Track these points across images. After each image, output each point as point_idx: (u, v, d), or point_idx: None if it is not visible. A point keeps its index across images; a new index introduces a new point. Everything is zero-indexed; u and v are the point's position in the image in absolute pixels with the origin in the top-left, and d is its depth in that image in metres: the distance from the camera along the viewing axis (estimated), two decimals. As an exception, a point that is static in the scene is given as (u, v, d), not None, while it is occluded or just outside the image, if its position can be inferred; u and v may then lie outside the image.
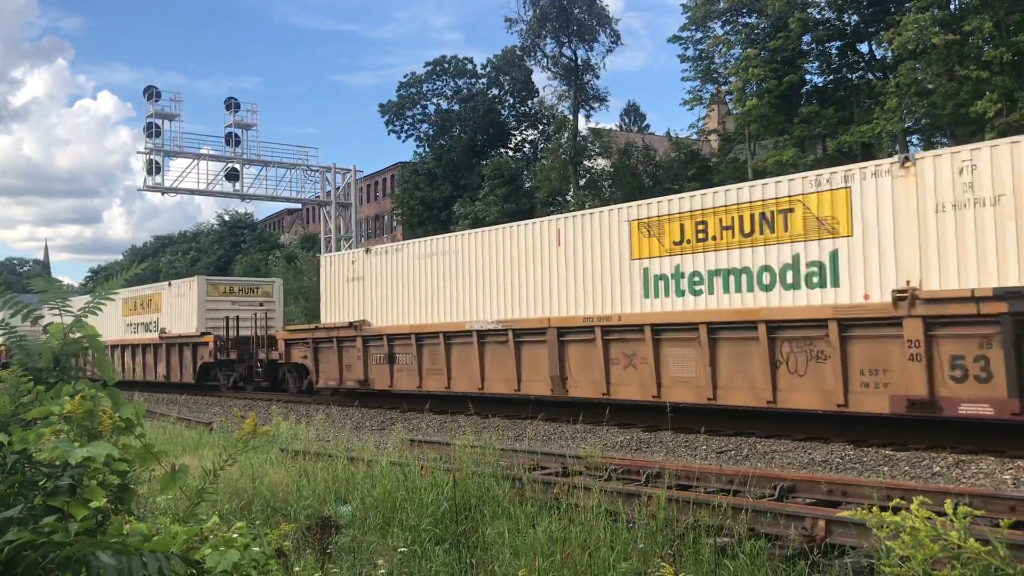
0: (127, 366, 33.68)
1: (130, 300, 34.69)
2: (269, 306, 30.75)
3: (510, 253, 18.88)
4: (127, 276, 3.74)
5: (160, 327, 31.79)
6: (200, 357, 29.54)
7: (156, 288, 33.77)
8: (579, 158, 51.18)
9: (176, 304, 31.31)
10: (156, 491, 6.08)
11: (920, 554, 2.86)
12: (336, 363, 23.14)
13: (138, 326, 33.88)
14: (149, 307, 33.20)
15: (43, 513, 2.45)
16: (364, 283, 22.93)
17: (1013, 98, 31.13)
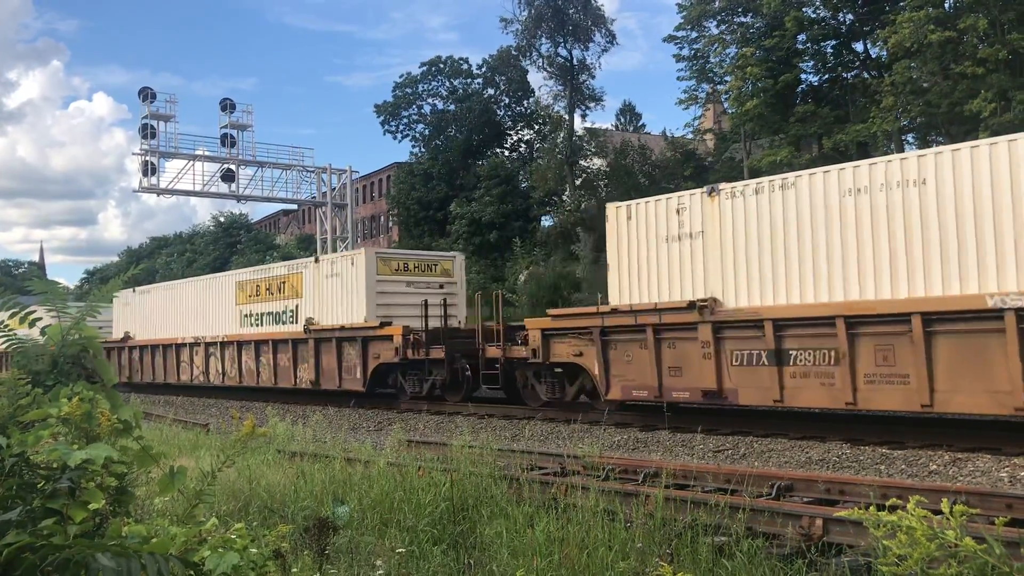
0: (246, 369, 26.48)
1: (249, 283, 27.02)
2: (450, 288, 23.70)
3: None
4: (125, 278, 3.75)
5: (306, 317, 23.92)
6: (374, 356, 21.71)
7: (293, 266, 25.91)
8: (575, 158, 51.20)
9: (328, 286, 23.67)
10: (154, 493, 6.08)
11: (917, 553, 2.87)
12: (650, 363, 15.44)
13: (262, 317, 26.11)
14: (282, 291, 25.32)
15: (42, 515, 2.46)
16: (705, 240, 15.17)
17: (1008, 97, 31.20)
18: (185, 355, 29.77)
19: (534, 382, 18.27)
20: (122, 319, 33.97)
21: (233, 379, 27.08)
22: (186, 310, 30.25)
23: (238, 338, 26.89)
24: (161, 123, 40.64)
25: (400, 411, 20.61)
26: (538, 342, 17.55)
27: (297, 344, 24.31)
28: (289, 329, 24.76)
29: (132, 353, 33.23)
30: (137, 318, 33.12)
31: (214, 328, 28.34)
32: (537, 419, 17.08)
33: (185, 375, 29.73)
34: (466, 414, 18.56)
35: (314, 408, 22.15)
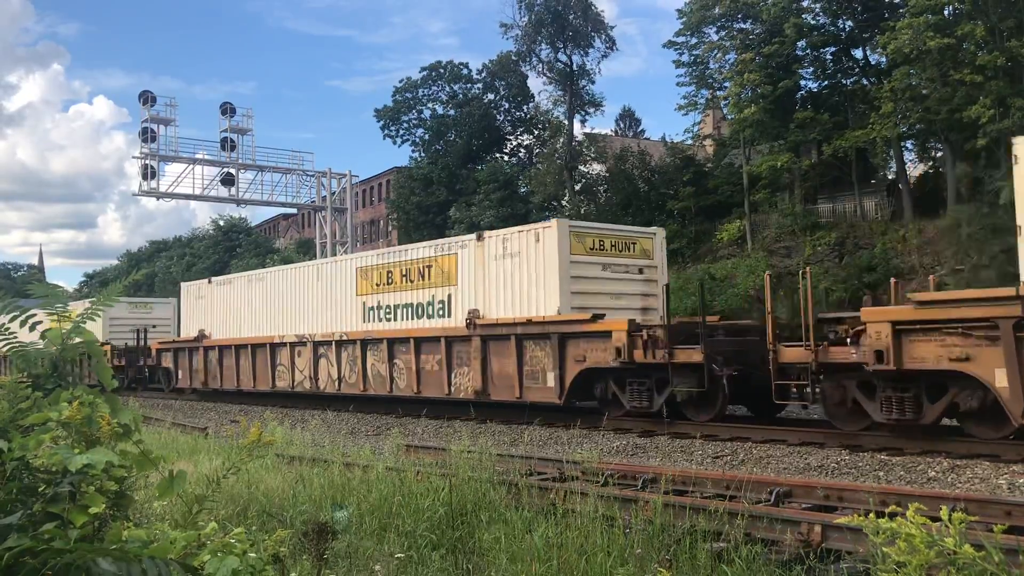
0: (373, 374, 21.88)
1: (377, 269, 22.25)
2: (650, 274, 19.53)
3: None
4: (126, 282, 3.75)
5: (468, 309, 19.25)
6: (577, 359, 17.16)
7: (442, 246, 20.99)
8: (574, 163, 51.26)
9: (498, 269, 18.82)
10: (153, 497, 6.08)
11: (916, 560, 2.88)
12: None
13: (396, 309, 21.46)
14: (425, 277, 20.66)
15: (42, 520, 2.46)
16: None
17: (1006, 104, 31.26)
18: (284, 357, 25.05)
19: (861, 398, 13.18)
20: (194, 315, 30.26)
21: (354, 386, 22.55)
22: (284, 303, 25.50)
23: (364, 335, 22.12)
24: (161, 127, 40.68)
25: (399, 416, 20.46)
26: (886, 340, 12.37)
27: (453, 343, 19.50)
28: (439, 324, 19.93)
29: (209, 355, 28.73)
30: (215, 313, 28.80)
31: (326, 324, 23.57)
32: (536, 424, 17.05)
33: (283, 381, 25.05)
34: (465, 419, 18.54)
35: (313, 412, 22.14)
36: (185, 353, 30.04)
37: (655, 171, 49.74)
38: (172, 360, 30.80)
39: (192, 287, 31.22)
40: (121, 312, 34.26)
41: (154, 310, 36.67)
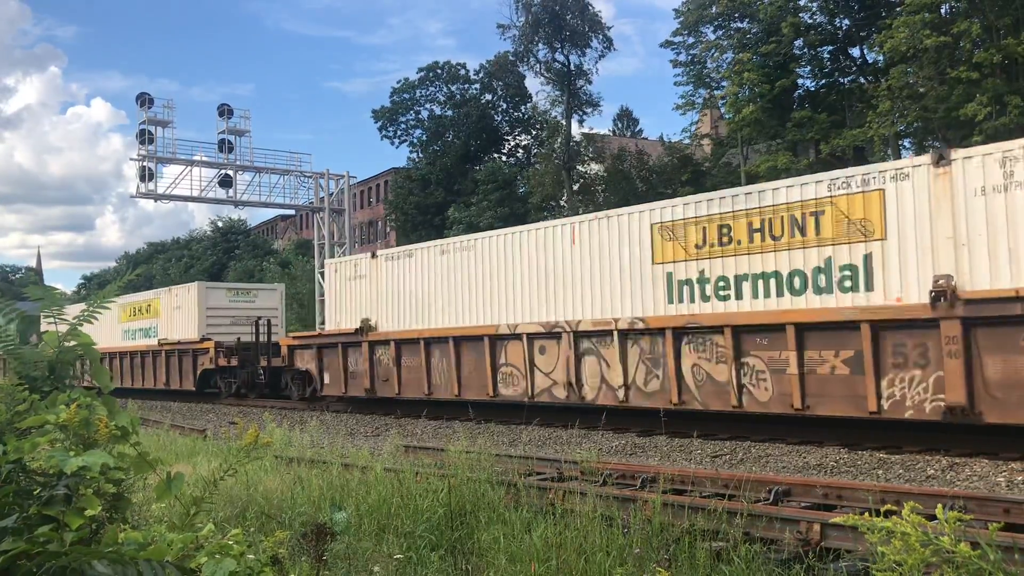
0: (695, 377, 15.16)
1: (697, 223, 15.38)
2: None
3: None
4: (123, 283, 3.75)
5: (936, 275, 12.24)
6: None
7: (846, 181, 13.46)
8: (572, 163, 51.28)
9: (992, 208, 11.91)
10: (150, 499, 6.08)
11: (911, 559, 2.88)
12: None
13: (740, 282, 14.68)
14: (807, 231, 13.82)
15: (38, 522, 2.45)
16: None
17: (1003, 101, 31.29)
18: (514, 354, 18.12)
19: None
20: (349, 300, 22.65)
21: (656, 396, 15.54)
22: (511, 280, 18.45)
23: (680, 323, 15.21)
24: (159, 128, 40.59)
25: (398, 417, 20.48)
26: None
27: (889, 333, 12.66)
28: (850, 301, 13.11)
29: (377, 353, 21.47)
30: (384, 297, 21.42)
31: (598, 306, 16.68)
32: (535, 424, 17.04)
33: (513, 388, 18.23)
34: (463, 419, 18.53)
35: (311, 414, 22.13)
36: (336, 351, 22.47)
37: (653, 171, 49.76)
38: (315, 360, 23.69)
39: (343, 265, 23.13)
40: (219, 301, 30.47)
41: (258, 299, 31.79)
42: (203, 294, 30.30)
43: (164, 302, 32.17)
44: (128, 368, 33.75)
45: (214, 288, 31.58)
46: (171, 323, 31.43)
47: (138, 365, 33.27)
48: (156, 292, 34.24)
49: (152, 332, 32.59)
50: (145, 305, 33.66)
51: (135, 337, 33.83)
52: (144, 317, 33.44)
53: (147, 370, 32.69)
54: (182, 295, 31.27)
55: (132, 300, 34.84)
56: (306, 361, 24.35)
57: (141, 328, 33.41)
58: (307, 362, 24.28)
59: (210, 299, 30.27)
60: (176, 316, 31.29)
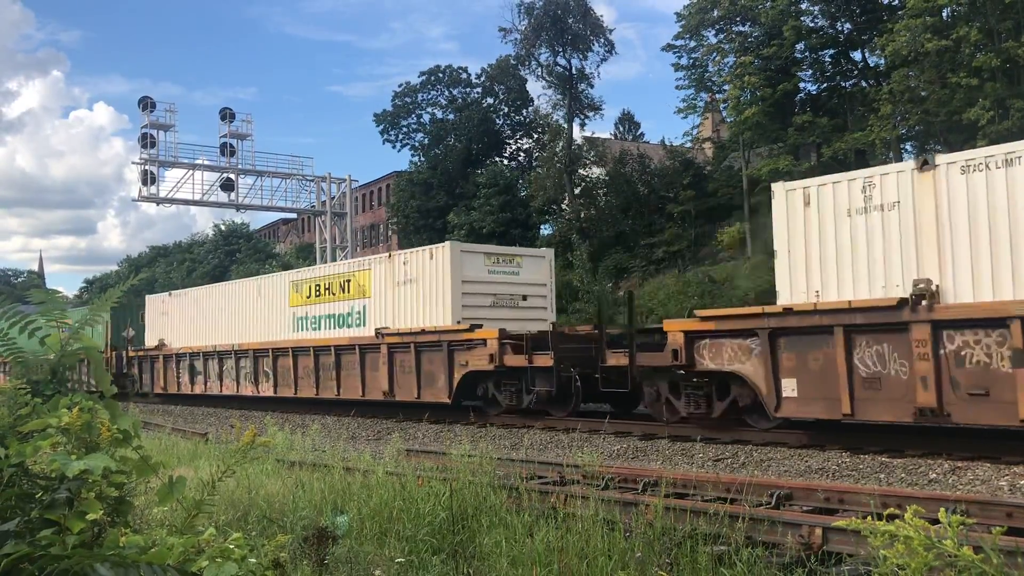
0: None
1: None
2: None
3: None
4: (125, 288, 3.75)
5: None
6: None
7: None
8: (574, 167, 51.31)
9: None
10: (152, 503, 6.08)
11: (914, 563, 2.87)
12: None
13: None
14: None
15: (40, 526, 2.46)
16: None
17: (1005, 105, 31.28)
18: None
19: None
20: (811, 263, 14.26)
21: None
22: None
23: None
24: (161, 132, 40.73)
25: (399, 420, 20.55)
26: None
27: None
28: None
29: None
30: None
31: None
32: (536, 428, 17.05)
33: None
34: (465, 423, 18.55)
35: (313, 417, 22.13)
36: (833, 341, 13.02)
37: (655, 174, 49.79)
38: (761, 359, 13.88)
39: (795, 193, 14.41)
40: (476, 271, 20.87)
41: (523, 269, 21.93)
42: (457, 260, 20.42)
43: (380, 274, 22.20)
44: (308, 371, 23.80)
45: (470, 252, 21.27)
46: (395, 304, 21.65)
47: (329, 367, 23.02)
48: (362, 260, 24.46)
49: (355, 319, 22.85)
50: (339, 280, 23.72)
51: (320, 327, 24.11)
52: (338, 298, 23.62)
53: (347, 373, 22.61)
54: (418, 263, 21.22)
55: (312, 275, 25.25)
56: (733, 359, 14.48)
57: (333, 314, 23.69)
58: (735, 361, 14.43)
59: (466, 268, 20.63)
60: (405, 294, 21.50)
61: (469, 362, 19.16)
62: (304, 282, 25.18)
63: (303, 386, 24.22)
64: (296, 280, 25.67)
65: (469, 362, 19.16)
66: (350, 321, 23.14)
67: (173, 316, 31.48)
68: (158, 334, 31.85)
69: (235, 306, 28.24)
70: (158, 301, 32.83)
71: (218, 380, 28.04)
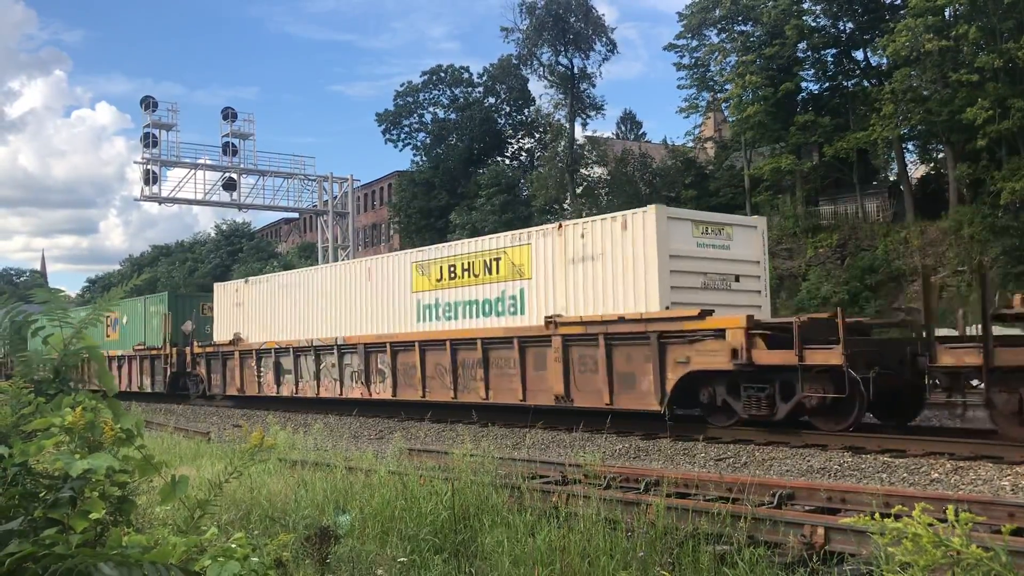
0: None
1: None
2: None
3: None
4: (127, 287, 3.75)
5: None
6: None
7: None
8: (576, 166, 51.31)
9: None
10: (155, 502, 6.08)
11: (922, 560, 2.87)
12: None
13: None
14: None
15: (44, 525, 2.45)
16: None
17: (1006, 105, 31.25)
18: None
19: None
20: None
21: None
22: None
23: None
24: (163, 132, 40.73)
25: (401, 420, 20.55)
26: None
27: None
28: None
29: None
30: None
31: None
32: (538, 427, 17.03)
33: None
34: (467, 423, 18.52)
35: (315, 416, 22.15)
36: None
37: (656, 173, 49.78)
38: None
39: None
40: (684, 243, 16.46)
41: (734, 241, 17.59)
42: (664, 230, 16.05)
43: (546, 249, 17.82)
44: (442, 369, 19.84)
45: (677, 220, 16.76)
46: (568, 287, 17.26)
47: (472, 364, 19.10)
48: (517, 234, 19.20)
49: (508, 305, 18.55)
50: (483, 259, 19.30)
51: (456, 315, 19.86)
52: (481, 280, 19.31)
53: (500, 372, 18.53)
54: (603, 235, 16.82)
55: (444, 254, 20.63)
56: None
57: (474, 300, 19.49)
58: None
59: (673, 239, 16.22)
60: (582, 274, 17.04)
61: (692, 359, 14.82)
62: (433, 263, 20.58)
63: (434, 388, 19.95)
64: (421, 261, 21.04)
65: (692, 359, 14.82)
66: (500, 308, 18.64)
67: (252, 306, 26.99)
68: (231, 327, 27.45)
69: (337, 293, 23.53)
70: (231, 290, 28.62)
71: (314, 380, 23.75)
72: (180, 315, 31.46)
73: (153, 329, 32.12)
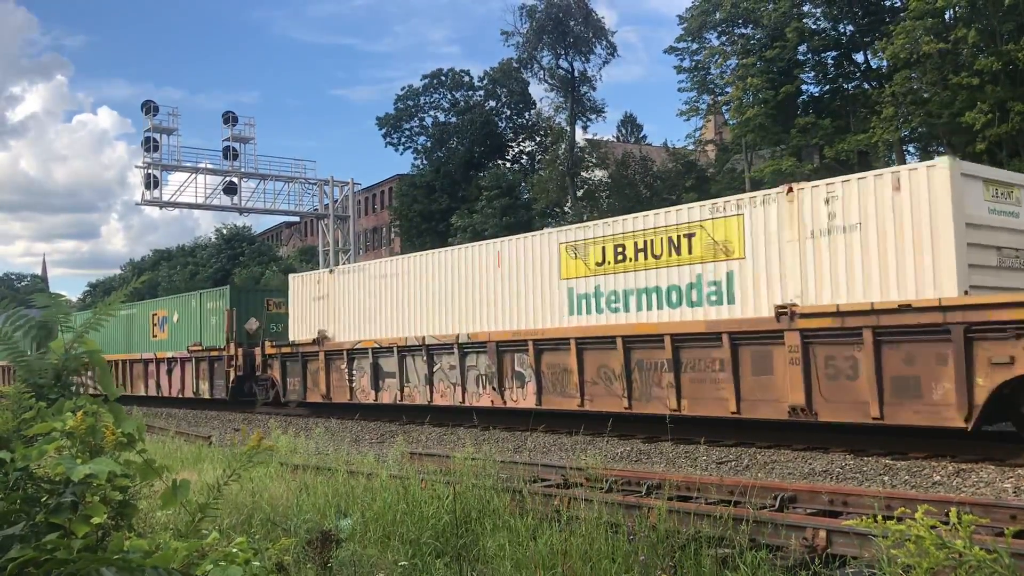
0: None
1: None
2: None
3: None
4: (128, 290, 3.75)
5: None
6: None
7: None
8: (576, 169, 51.30)
9: None
10: (155, 506, 6.07)
11: (925, 563, 2.86)
12: None
13: None
14: None
15: (45, 530, 2.45)
16: None
17: (1006, 108, 31.23)
18: None
19: None
20: None
21: None
22: None
23: None
24: (164, 136, 40.75)
25: (402, 423, 20.54)
26: None
27: None
28: None
29: None
30: None
31: None
32: (539, 431, 17.01)
33: None
34: (468, 426, 18.50)
35: (316, 420, 22.15)
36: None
37: (657, 176, 49.77)
38: None
39: None
40: (976, 208, 12.74)
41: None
42: (959, 189, 12.40)
43: (767, 220, 14.36)
44: (610, 373, 16.27)
45: (971, 178, 12.85)
46: (804, 267, 13.73)
47: (654, 367, 15.51)
48: (720, 203, 15.34)
49: (709, 293, 15.02)
50: (668, 236, 15.75)
51: (626, 306, 16.28)
52: (664, 262, 15.71)
53: (697, 376, 14.95)
54: (861, 198, 13.18)
55: (608, 232, 16.81)
56: None
57: (655, 287, 15.86)
58: None
59: (967, 203, 12.58)
60: (827, 250, 13.59)
61: (1019, 359, 11.16)
62: (591, 243, 16.99)
63: (597, 395, 16.47)
64: (574, 241, 17.39)
65: (1019, 359, 11.16)
66: (695, 297, 15.20)
67: (340, 300, 23.50)
68: (312, 324, 24.20)
69: (455, 283, 20.06)
70: (311, 282, 24.84)
71: (425, 385, 20.26)
72: (243, 312, 28.28)
73: (211, 328, 28.92)
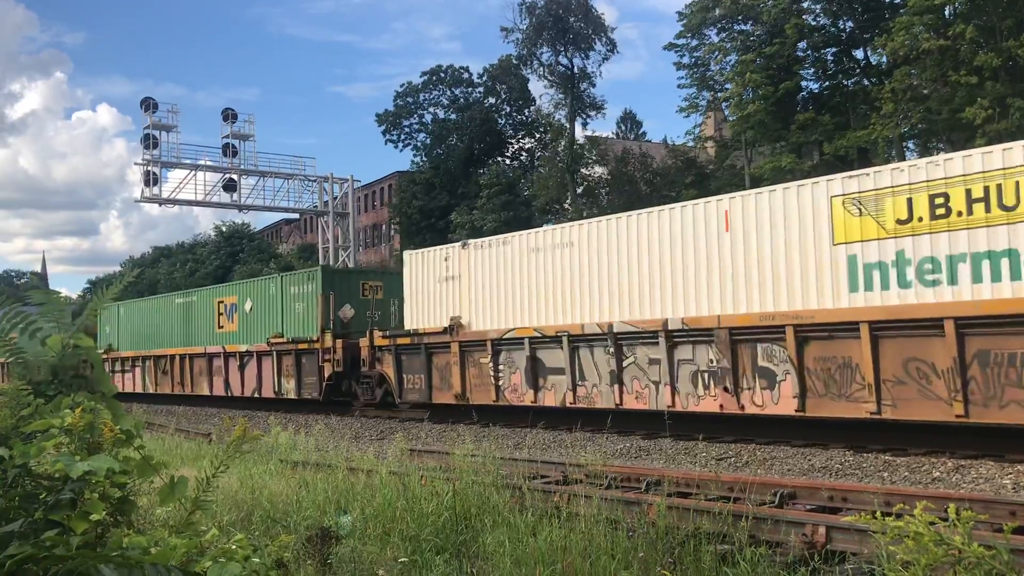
0: None
1: None
2: None
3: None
4: (123, 284, 3.75)
5: None
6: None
7: None
8: (576, 166, 51.26)
9: None
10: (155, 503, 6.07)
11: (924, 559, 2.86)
12: None
13: None
14: None
15: (44, 527, 2.45)
16: None
17: (1006, 104, 31.21)
18: None
19: None
20: None
21: None
22: None
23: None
24: (163, 133, 40.73)
25: (402, 420, 20.55)
26: None
27: None
28: None
29: None
30: None
31: None
32: (540, 428, 17.01)
33: None
34: (468, 423, 18.51)
35: (317, 417, 22.15)
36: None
37: (657, 173, 49.75)
38: None
39: None
40: None
41: None
42: None
43: None
44: (928, 372, 12.21)
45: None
46: None
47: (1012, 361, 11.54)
48: None
49: None
50: None
51: (955, 277, 12.14)
52: (1021, 214, 11.52)
53: None
54: None
55: (916, 179, 12.53)
56: None
57: (1009, 249, 11.66)
58: None
59: None
60: None
61: None
62: (889, 194, 12.87)
63: (907, 397, 12.40)
64: (856, 193, 13.34)
65: None
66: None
67: (477, 280, 19.55)
68: (438, 309, 20.31)
69: (655, 254, 16.01)
70: (434, 259, 20.65)
71: (609, 384, 16.43)
72: (339, 299, 24.21)
73: (297, 316, 24.62)
